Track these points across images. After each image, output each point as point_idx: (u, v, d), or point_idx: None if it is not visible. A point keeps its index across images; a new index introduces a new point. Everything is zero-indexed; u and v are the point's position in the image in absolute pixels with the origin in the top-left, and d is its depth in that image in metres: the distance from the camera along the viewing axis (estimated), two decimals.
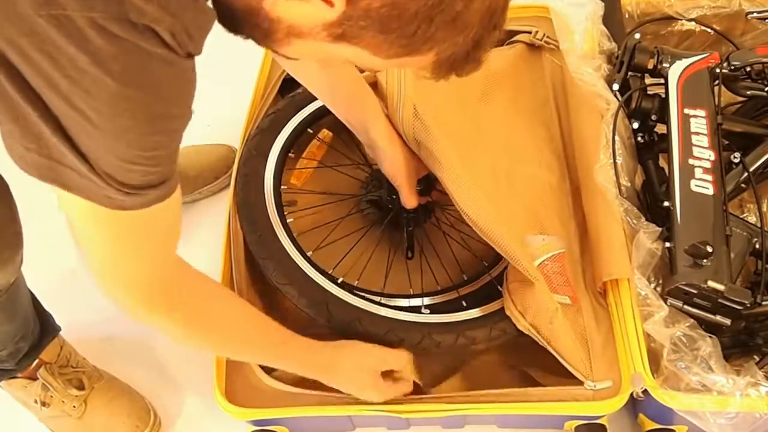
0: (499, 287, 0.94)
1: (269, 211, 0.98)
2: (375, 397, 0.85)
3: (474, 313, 0.92)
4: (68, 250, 1.18)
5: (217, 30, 0.53)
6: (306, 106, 1.10)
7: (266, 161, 1.03)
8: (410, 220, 1.06)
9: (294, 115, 1.09)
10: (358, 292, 0.93)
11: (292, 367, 0.83)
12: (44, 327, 0.96)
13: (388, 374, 0.86)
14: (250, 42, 0.56)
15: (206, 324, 0.71)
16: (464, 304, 0.95)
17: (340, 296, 0.90)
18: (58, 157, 0.50)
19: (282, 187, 1.04)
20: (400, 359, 0.86)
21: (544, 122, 1.07)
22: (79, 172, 0.51)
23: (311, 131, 1.14)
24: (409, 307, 0.94)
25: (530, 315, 0.86)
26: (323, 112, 1.08)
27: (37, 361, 0.97)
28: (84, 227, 0.57)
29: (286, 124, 1.08)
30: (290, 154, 1.09)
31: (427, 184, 1.01)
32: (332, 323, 0.88)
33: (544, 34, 1.14)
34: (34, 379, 0.97)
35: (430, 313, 0.92)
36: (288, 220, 1.01)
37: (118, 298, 0.63)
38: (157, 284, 0.64)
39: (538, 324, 0.86)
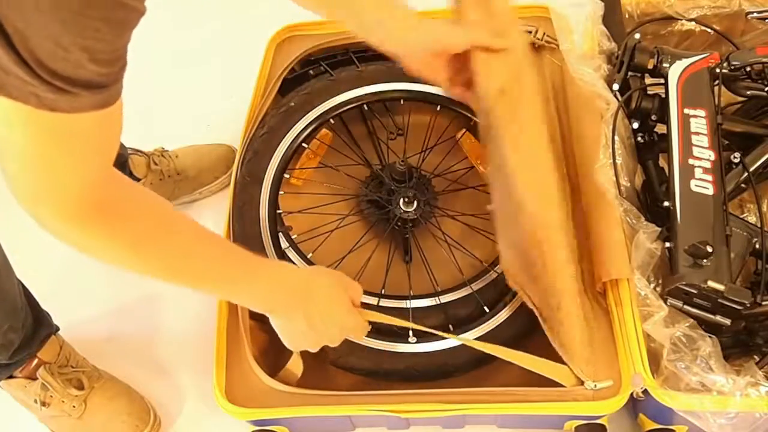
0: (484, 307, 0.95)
1: (264, 245, 0.99)
2: (352, 322, 0.81)
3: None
4: (67, 250, 1.18)
5: (217, 30, 0.53)
6: (298, 120, 1.09)
7: (260, 188, 1.03)
8: (408, 222, 1.06)
9: (286, 134, 1.08)
10: None
11: (261, 291, 0.76)
12: (38, 322, 0.96)
13: None
14: (251, 41, 0.54)
15: (150, 244, 0.64)
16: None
17: None
18: None
19: (280, 192, 1.05)
20: (358, 287, 0.84)
21: (545, 120, 1.07)
22: (3, 65, 0.44)
23: (305, 146, 1.13)
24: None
25: (537, 298, 0.87)
26: (315, 126, 1.09)
27: (36, 360, 0.97)
28: (5, 134, 0.50)
29: (279, 144, 1.08)
30: (285, 175, 1.08)
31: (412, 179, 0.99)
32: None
33: (544, 33, 1.14)
34: (34, 378, 0.97)
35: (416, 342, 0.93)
36: (288, 227, 1.03)
37: (43, 217, 0.56)
38: (87, 201, 0.56)
39: (542, 307, 0.86)
